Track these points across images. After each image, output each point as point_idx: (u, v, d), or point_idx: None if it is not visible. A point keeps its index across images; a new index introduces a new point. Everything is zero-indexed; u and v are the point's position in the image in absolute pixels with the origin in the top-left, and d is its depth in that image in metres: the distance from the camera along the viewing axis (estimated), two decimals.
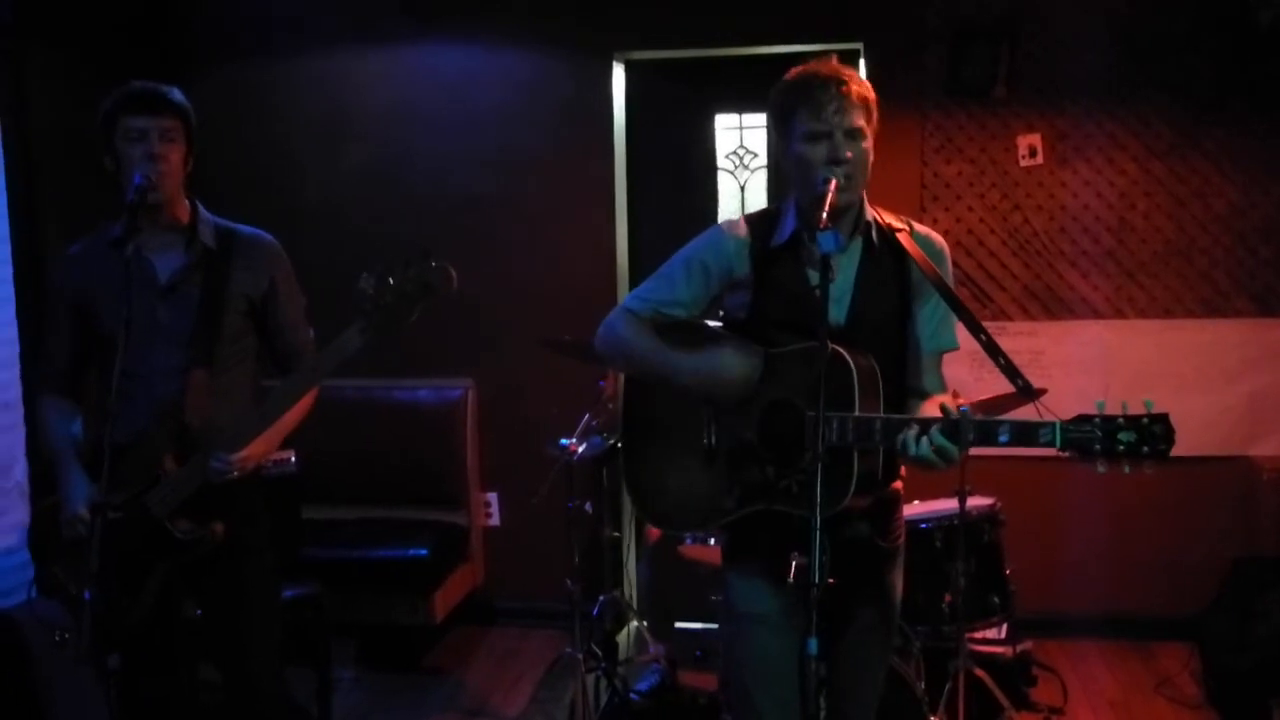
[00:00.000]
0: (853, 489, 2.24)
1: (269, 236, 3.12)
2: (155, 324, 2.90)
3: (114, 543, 2.73)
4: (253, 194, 5.12)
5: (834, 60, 2.43)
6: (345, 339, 2.74)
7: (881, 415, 2.24)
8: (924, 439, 2.14)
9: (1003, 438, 2.10)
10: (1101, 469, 2.04)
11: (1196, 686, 4.43)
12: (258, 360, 3.11)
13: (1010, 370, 2.23)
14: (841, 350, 2.29)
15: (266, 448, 2.93)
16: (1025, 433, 2.08)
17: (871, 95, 2.42)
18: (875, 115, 2.43)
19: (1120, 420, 2.02)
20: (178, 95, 2.91)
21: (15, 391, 4.17)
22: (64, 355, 3.04)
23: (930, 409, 2.33)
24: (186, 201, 3.00)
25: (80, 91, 4.48)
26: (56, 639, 2.85)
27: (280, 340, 3.09)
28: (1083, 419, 2.03)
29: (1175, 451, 1.95)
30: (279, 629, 3.13)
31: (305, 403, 2.98)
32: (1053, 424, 2.05)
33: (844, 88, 2.35)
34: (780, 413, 2.39)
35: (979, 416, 2.13)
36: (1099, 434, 2.02)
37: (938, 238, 2.54)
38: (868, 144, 2.40)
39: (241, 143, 5.31)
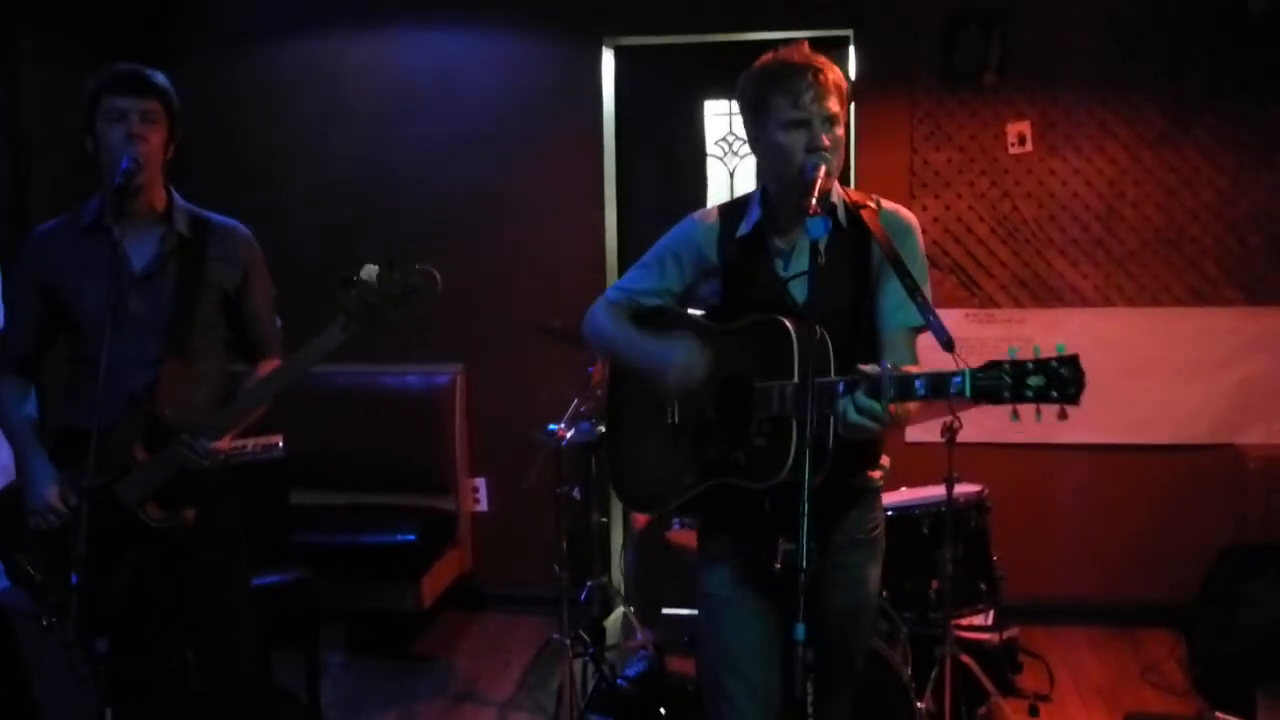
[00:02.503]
0: (790, 460, 2.23)
1: (243, 227, 3.08)
2: (128, 313, 2.85)
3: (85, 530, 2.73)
4: (240, 180, 5.13)
5: (805, 46, 2.43)
6: (328, 335, 2.74)
7: (815, 380, 2.20)
8: (850, 404, 2.14)
9: (920, 390, 2.10)
10: (1015, 418, 2.04)
11: (1183, 674, 4.45)
12: (227, 348, 3.09)
13: (937, 327, 2.23)
14: (784, 320, 2.32)
15: (231, 437, 2.92)
16: (939, 382, 2.08)
17: (844, 82, 2.42)
18: (847, 97, 2.44)
19: (1029, 365, 2.00)
20: (160, 78, 2.88)
21: None
22: (26, 337, 3.00)
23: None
24: (164, 189, 2.97)
25: (68, 75, 4.44)
26: (44, 624, 2.84)
27: (251, 331, 3.08)
28: (992, 365, 2.02)
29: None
30: (254, 613, 3.12)
31: (267, 401, 2.97)
32: (963, 371, 2.04)
33: (820, 75, 2.36)
34: (732, 387, 2.42)
35: (898, 372, 2.13)
36: (1008, 380, 2.00)
37: (905, 213, 2.53)
38: (841, 130, 2.41)
39: (230, 128, 5.29)
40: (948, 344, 2.19)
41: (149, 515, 2.82)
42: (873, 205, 2.48)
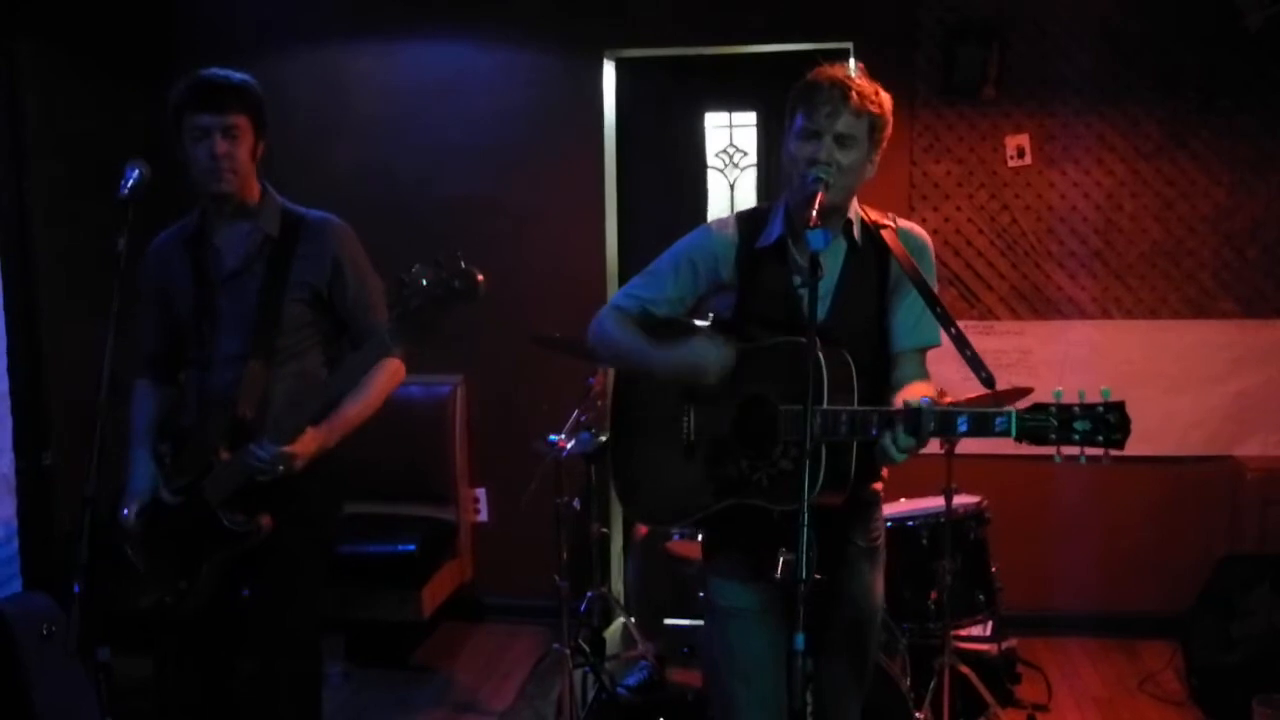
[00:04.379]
0: (820, 483, 2.24)
1: (336, 219, 3.05)
2: (217, 311, 2.89)
3: (170, 528, 2.76)
4: None
5: (850, 68, 2.43)
6: (375, 342, 2.70)
7: (848, 409, 2.24)
8: (893, 445, 2.14)
9: (962, 427, 2.10)
10: (1058, 459, 2.03)
11: (1180, 684, 4.46)
12: (325, 349, 3.02)
13: (975, 362, 2.24)
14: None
15: (318, 447, 2.82)
16: (982, 421, 2.08)
17: (876, 109, 2.39)
18: (880, 130, 2.41)
19: (1076, 409, 2.01)
20: (239, 82, 2.88)
21: (3, 384, 4.16)
22: (149, 341, 3.05)
23: (898, 400, 2.31)
24: (258, 185, 2.99)
25: (72, 87, 4.50)
26: (44, 632, 2.85)
27: (355, 325, 2.98)
28: (1039, 408, 2.03)
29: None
30: (316, 632, 3.10)
31: (371, 401, 2.92)
32: (1009, 413, 2.04)
33: (844, 94, 2.35)
34: (754, 407, 2.41)
35: (939, 407, 2.13)
36: (1054, 423, 2.01)
37: (920, 231, 2.55)
38: (861, 153, 2.39)
39: None
40: (988, 380, 2.21)
41: (229, 517, 2.81)
42: (891, 225, 2.49)
